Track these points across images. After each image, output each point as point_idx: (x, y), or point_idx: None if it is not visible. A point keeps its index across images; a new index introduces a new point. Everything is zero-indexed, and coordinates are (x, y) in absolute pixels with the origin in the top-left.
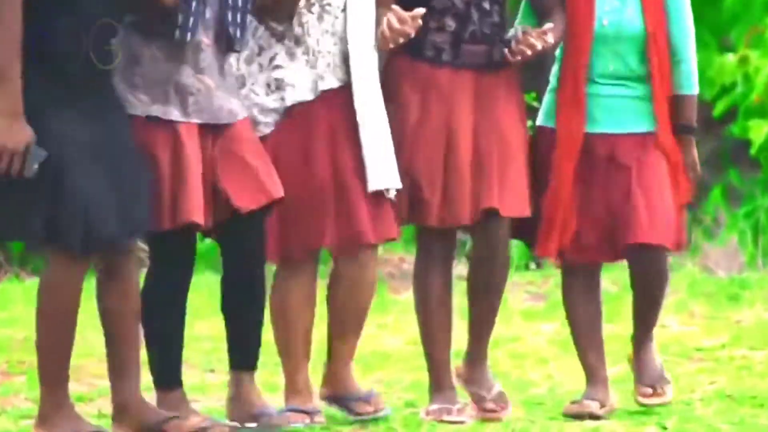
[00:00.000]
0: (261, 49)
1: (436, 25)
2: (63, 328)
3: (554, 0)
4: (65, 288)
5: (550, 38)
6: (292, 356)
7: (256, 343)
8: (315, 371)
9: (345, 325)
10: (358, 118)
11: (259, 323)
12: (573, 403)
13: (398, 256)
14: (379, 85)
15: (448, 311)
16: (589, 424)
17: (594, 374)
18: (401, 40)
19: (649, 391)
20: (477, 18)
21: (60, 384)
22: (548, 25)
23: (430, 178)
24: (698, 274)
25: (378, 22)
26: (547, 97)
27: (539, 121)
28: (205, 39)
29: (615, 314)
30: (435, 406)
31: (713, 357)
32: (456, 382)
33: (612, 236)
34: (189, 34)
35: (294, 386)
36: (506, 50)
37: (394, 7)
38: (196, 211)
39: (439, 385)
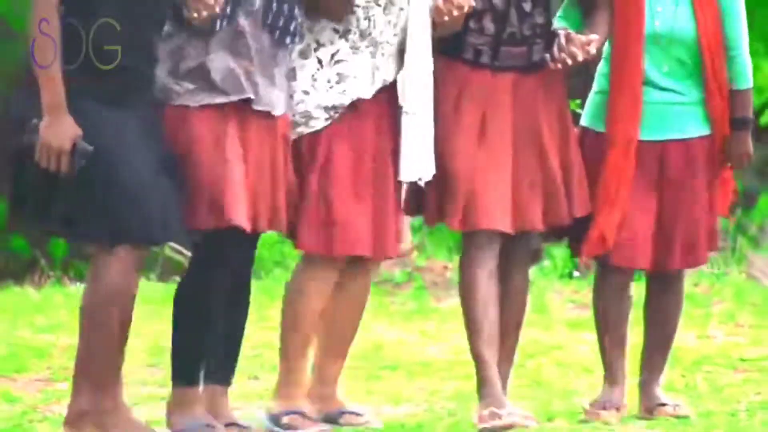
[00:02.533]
0: (320, 45)
1: (475, 26)
2: (120, 329)
3: None
4: (124, 287)
5: (593, 49)
6: (299, 356)
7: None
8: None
9: (342, 344)
10: (405, 108)
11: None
12: (593, 406)
13: (442, 264)
14: (432, 79)
15: (495, 309)
16: None
17: (614, 375)
18: (455, 13)
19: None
20: (516, 19)
21: (108, 387)
22: (593, 37)
23: (464, 178)
24: (744, 283)
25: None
26: (594, 99)
27: (584, 122)
28: (247, 26)
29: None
30: (486, 411)
31: (759, 367)
32: None
33: (657, 246)
34: (225, 21)
35: (296, 387)
36: (547, 56)
37: None
38: (238, 211)
39: (486, 384)
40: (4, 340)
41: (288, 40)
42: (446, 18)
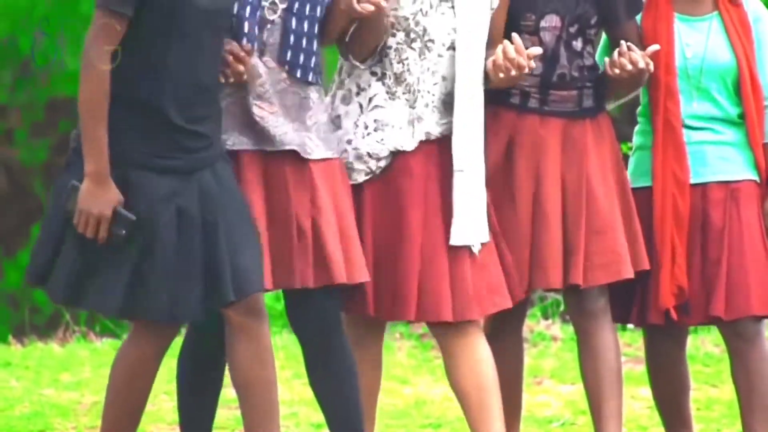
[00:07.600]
0: (360, 89)
1: None
2: (136, 401)
3: (635, 38)
4: (148, 359)
5: (652, 64)
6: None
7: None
8: None
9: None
10: (455, 166)
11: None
12: None
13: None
14: (483, 134)
15: (514, 373)
16: None
17: None
18: (513, 73)
19: None
20: (566, 59)
21: None
22: (654, 47)
23: (518, 239)
24: None
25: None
26: (633, 157)
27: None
28: (263, 65)
29: (717, 377)
30: None
31: None
32: None
33: (701, 299)
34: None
35: None
36: (606, 60)
37: (514, 35)
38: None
39: None
40: (28, 399)
41: (311, 77)
42: (502, 75)
